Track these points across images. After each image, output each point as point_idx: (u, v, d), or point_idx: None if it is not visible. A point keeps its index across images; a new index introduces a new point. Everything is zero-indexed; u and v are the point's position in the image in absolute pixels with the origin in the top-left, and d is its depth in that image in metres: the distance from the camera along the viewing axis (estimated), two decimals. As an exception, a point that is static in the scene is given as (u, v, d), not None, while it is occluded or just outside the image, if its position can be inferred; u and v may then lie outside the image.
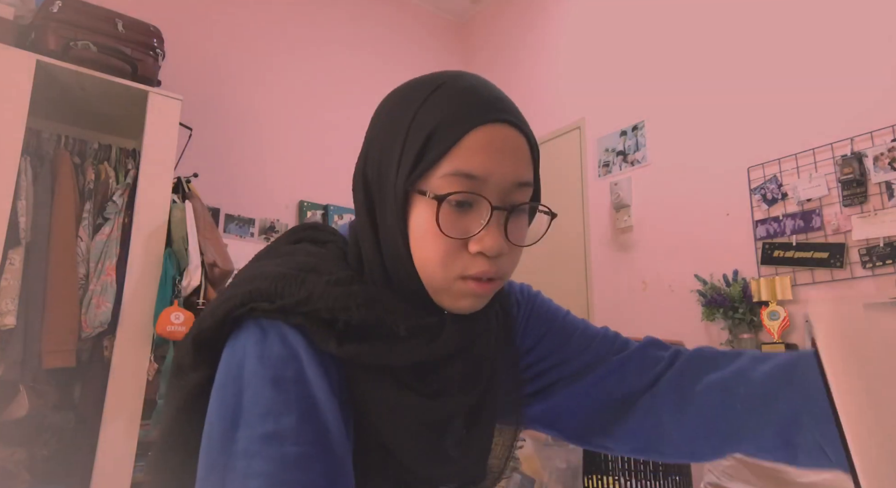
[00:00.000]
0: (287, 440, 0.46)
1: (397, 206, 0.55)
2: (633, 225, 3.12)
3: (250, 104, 3.41)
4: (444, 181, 0.53)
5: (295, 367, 0.50)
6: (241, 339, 0.52)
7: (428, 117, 0.55)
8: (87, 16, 2.25)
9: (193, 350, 0.54)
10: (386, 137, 0.57)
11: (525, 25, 4.06)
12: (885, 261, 2.20)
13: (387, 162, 0.56)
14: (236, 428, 0.48)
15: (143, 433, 2.14)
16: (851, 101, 2.39)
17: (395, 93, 0.61)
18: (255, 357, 0.50)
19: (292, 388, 0.49)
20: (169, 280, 2.19)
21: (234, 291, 0.54)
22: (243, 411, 0.48)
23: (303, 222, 0.69)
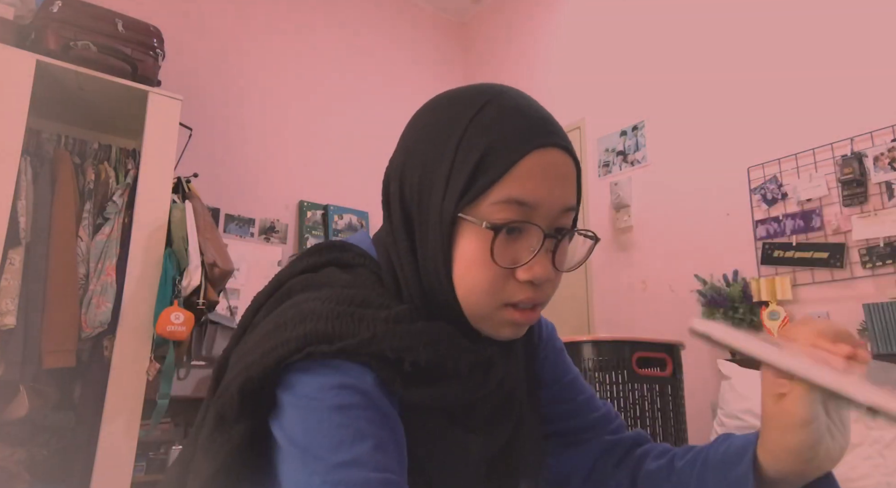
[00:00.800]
0: (366, 466, 0.45)
1: (443, 232, 0.53)
2: (633, 225, 3.12)
3: (250, 104, 3.41)
4: (496, 208, 0.52)
5: (363, 394, 0.48)
6: (304, 378, 0.49)
7: (477, 139, 0.52)
8: (87, 16, 2.25)
9: (240, 399, 0.50)
10: (428, 155, 0.54)
11: (525, 25, 4.06)
12: (885, 261, 2.20)
13: (430, 183, 0.54)
14: (311, 465, 0.46)
15: (143, 433, 2.14)
16: (851, 101, 2.39)
17: (435, 106, 0.57)
18: (318, 389, 0.48)
19: (362, 415, 0.47)
20: (169, 280, 2.19)
21: (286, 335, 0.50)
22: (312, 447, 0.46)
23: (324, 241, 0.65)
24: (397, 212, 0.56)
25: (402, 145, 0.58)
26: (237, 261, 2.48)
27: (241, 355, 0.54)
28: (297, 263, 0.61)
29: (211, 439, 0.52)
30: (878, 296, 2.18)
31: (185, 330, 2.11)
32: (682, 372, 2.15)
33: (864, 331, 2.18)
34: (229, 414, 0.51)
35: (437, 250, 0.53)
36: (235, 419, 0.51)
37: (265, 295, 0.60)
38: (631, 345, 2.02)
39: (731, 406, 2.22)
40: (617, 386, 1.98)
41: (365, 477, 0.45)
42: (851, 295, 2.28)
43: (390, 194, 0.58)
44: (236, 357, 0.55)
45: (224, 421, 0.52)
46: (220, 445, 0.51)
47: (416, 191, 0.55)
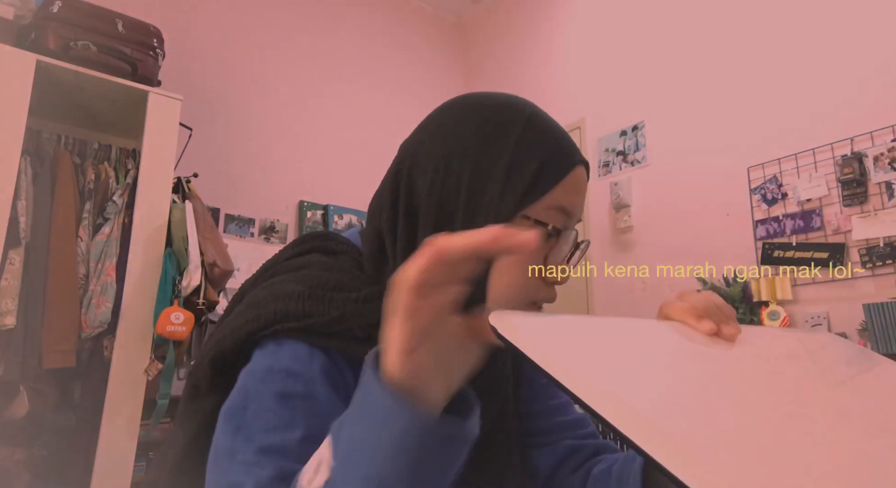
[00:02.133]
0: (289, 455, 0.46)
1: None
2: (633, 225, 3.12)
3: (250, 104, 3.41)
4: (548, 212, 0.57)
5: (305, 383, 0.49)
6: (256, 357, 0.51)
7: (534, 146, 0.58)
8: (87, 16, 2.25)
9: (211, 372, 0.53)
10: (481, 153, 0.57)
11: (525, 25, 4.06)
12: (885, 261, 2.20)
13: (483, 180, 0.56)
14: (238, 442, 0.47)
15: (143, 433, 2.14)
16: (851, 101, 2.39)
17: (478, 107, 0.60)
18: (264, 370, 0.50)
19: (300, 404, 0.48)
20: (169, 280, 2.19)
21: (257, 311, 0.52)
22: (246, 424, 0.48)
23: (312, 231, 0.67)
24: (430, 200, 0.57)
25: (435, 135, 0.59)
26: (237, 261, 2.48)
27: (218, 330, 0.56)
28: (284, 252, 0.64)
29: (185, 409, 0.55)
30: (878, 296, 2.18)
31: (185, 330, 2.11)
32: (682, 372, 2.15)
33: (864, 330, 2.18)
34: (202, 386, 0.54)
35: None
36: (207, 391, 0.53)
37: (251, 281, 0.62)
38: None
39: (731, 406, 2.22)
40: (617, 386, 1.97)
41: (281, 465, 0.45)
42: (851, 295, 2.28)
43: (418, 181, 0.58)
44: (215, 333, 0.57)
45: (197, 393, 0.54)
46: (193, 414, 0.54)
47: (466, 183, 0.56)
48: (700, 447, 0.26)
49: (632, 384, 0.30)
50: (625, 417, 0.27)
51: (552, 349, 0.31)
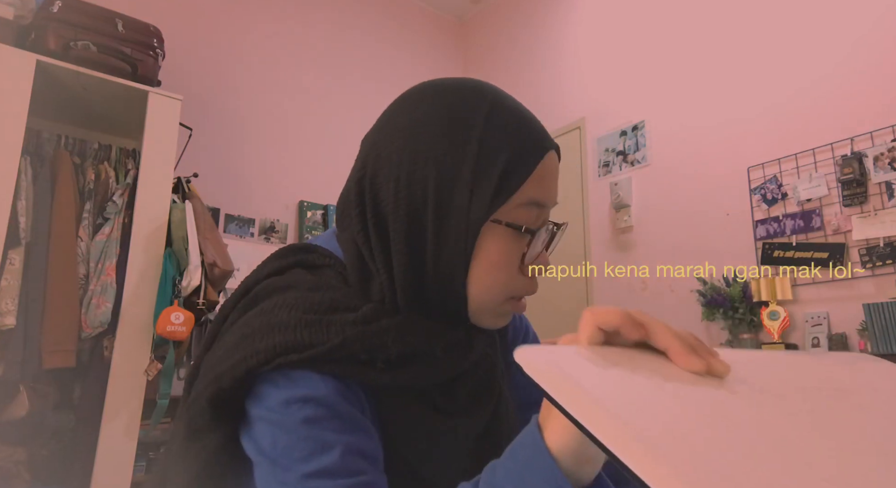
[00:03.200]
0: (336, 474, 0.46)
1: (468, 234, 0.54)
2: (633, 225, 3.12)
3: (250, 104, 3.41)
4: (521, 210, 0.55)
5: (327, 406, 0.49)
6: (269, 391, 0.50)
7: (499, 142, 0.55)
8: (87, 16, 2.25)
9: (211, 410, 0.51)
10: (442, 155, 0.54)
11: (525, 25, 4.06)
12: (885, 261, 2.20)
13: (450, 184, 0.54)
14: (280, 474, 0.47)
15: (143, 433, 2.14)
16: (851, 101, 2.39)
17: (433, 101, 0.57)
18: (282, 403, 0.49)
19: (328, 425, 0.49)
20: (169, 280, 2.19)
21: (254, 346, 0.51)
22: (281, 457, 0.48)
23: (289, 244, 0.65)
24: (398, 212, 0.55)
25: (395, 140, 0.56)
26: (237, 261, 2.48)
27: (210, 365, 0.54)
28: (263, 268, 0.61)
29: (185, 448, 0.53)
30: (878, 296, 2.18)
31: (185, 330, 2.11)
32: (682, 372, 2.15)
33: (863, 330, 2.18)
34: (201, 424, 0.52)
35: (458, 251, 0.54)
36: (207, 428, 0.52)
37: (232, 302, 0.60)
38: (631, 345, 2.02)
39: (731, 406, 2.22)
40: (617, 386, 1.98)
41: (334, 485, 0.46)
42: (851, 295, 2.28)
43: (381, 193, 0.56)
44: (206, 366, 0.55)
45: (197, 431, 0.53)
46: (196, 454, 0.52)
47: (432, 192, 0.54)
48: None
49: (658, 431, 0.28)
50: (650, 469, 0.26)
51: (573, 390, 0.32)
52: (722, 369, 0.35)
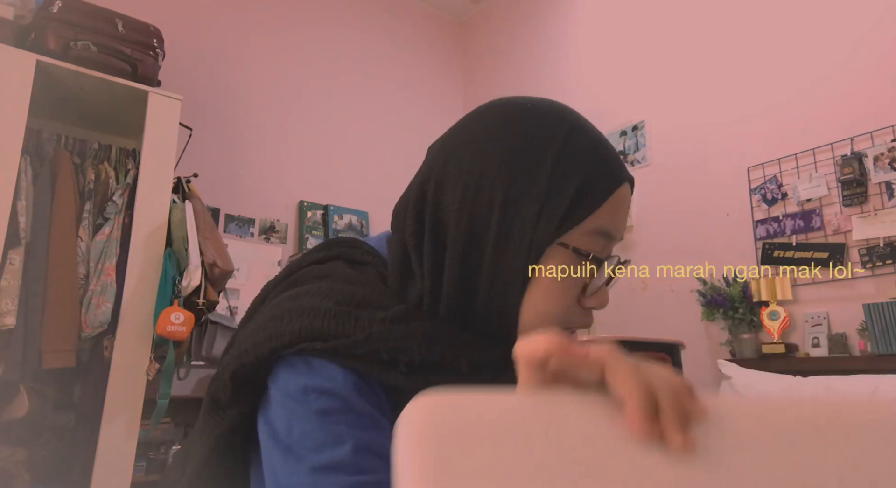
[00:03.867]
0: (343, 470, 0.46)
1: (531, 254, 0.53)
2: (633, 225, 3.12)
3: (250, 104, 3.41)
4: (587, 238, 0.54)
5: (343, 400, 0.49)
6: (288, 376, 0.51)
7: (576, 166, 0.54)
8: (87, 16, 2.25)
9: (232, 385, 0.52)
10: (515, 173, 0.53)
11: (525, 25, 4.06)
12: (885, 261, 2.20)
13: (518, 202, 0.53)
14: (292, 464, 0.48)
15: (143, 433, 2.14)
16: (851, 101, 2.39)
17: (510, 120, 0.56)
18: (300, 389, 0.49)
19: (343, 419, 0.49)
20: (169, 280, 2.19)
21: (281, 328, 0.51)
22: (294, 445, 0.48)
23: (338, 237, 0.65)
24: (460, 220, 0.54)
25: (466, 148, 0.56)
26: (237, 261, 2.48)
27: (240, 341, 0.55)
28: (309, 256, 0.63)
29: (204, 421, 0.54)
30: (878, 296, 2.18)
31: (185, 330, 2.11)
32: (682, 372, 2.15)
33: (863, 330, 2.18)
34: (222, 399, 0.53)
35: (517, 270, 0.53)
36: (228, 403, 0.53)
37: (274, 283, 0.61)
38: (631, 345, 2.02)
39: (731, 406, 2.22)
40: (617, 386, 1.98)
41: (340, 481, 0.46)
42: (851, 295, 2.28)
43: (445, 199, 0.55)
44: (237, 341, 0.56)
45: (217, 405, 0.53)
46: (213, 427, 0.53)
47: (499, 205, 0.53)
48: None
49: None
50: None
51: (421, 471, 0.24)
52: (681, 448, 0.26)
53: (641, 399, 0.26)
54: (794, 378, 2.14)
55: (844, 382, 1.98)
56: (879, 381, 1.91)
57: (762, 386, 2.17)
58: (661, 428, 0.25)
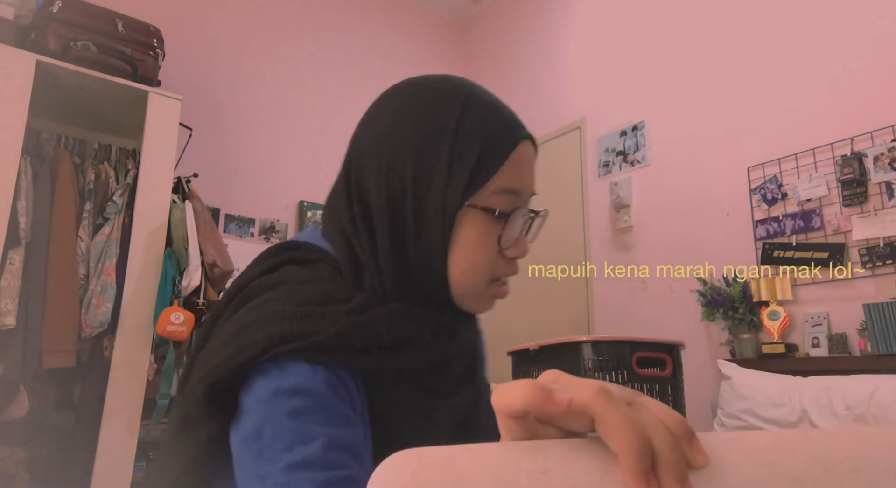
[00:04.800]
0: (315, 466, 0.47)
1: (445, 219, 0.57)
2: (633, 225, 3.12)
3: (250, 104, 3.41)
4: (494, 196, 0.58)
5: (314, 398, 0.50)
6: (260, 382, 0.51)
7: (474, 133, 0.58)
8: (87, 16, 2.25)
9: (205, 400, 0.52)
10: (421, 146, 0.57)
11: (525, 25, 4.06)
12: (885, 261, 2.20)
13: (428, 173, 0.57)
14: (264, 467, 0.48)
15: (143, 433, 2.14)
16: (851, 101, 2.39)
17: (410, 96, 0.61)
18: (271, 393, 0.50)
19: (313, 417, 0.49)
20: (169, 280, 2.19)
21: (251, 337, 0.52)
22: (266, 447, 0.49)
23: (274, 244, 0.67)
24: (380, 199, 0.58)
25: (376, 132, 0.60)
26: (237, 261, 2.48)
27: (204, 359, 0.54)
28: (253, 268, 0.63)
29: (177, 439, 0.54)
30: (878, 296, 2.18)
31: (185, 330, 2.11)
32: (682, 372, 2.14)
33: (863, 330, 2.18)
34: (194, 415, 0.53)
35: (436, 236, 0.57)
36: (200, 420, 0.52)
37: (224, 303, 0.60)
38: (631, 345, 2.02)
39: (731, 406, 2.23)
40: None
41: (312, 477, 0.46)
42: (851, 295, 2.28)
43: (365, 182, 0.59)
44: (200, 362, 0.55)
45: (189, 422, 0.53)
46: (187, 446, 0.53)
47: (410, 180, 0.57)
48: None
49: None
50: None
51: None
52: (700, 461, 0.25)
53: (636, 452, 0.24)
54: (794, 378, 2.14)
55: (844, 382, 1.98)
56: (879, 381, 1.91)
57: (762, 386, 2.17)
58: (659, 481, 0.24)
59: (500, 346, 2.90)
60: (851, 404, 1.91)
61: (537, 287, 3.48)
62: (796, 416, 2.02)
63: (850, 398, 1.92)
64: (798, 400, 2.04)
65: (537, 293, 3.47)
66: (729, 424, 2.21)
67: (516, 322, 3.49)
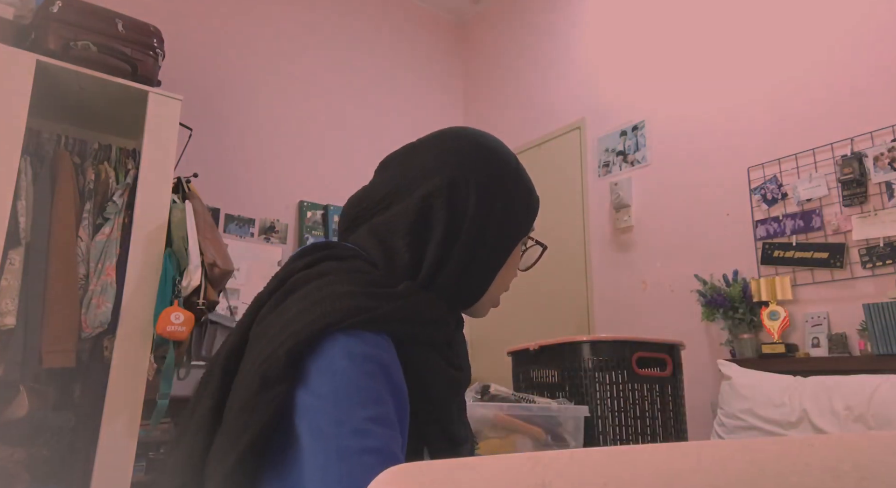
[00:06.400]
0: (389, 423, 0.55)
1: (508, 251, 0.77)
2: (633, 225, 3.12)
3: (250, 104, 3.41)
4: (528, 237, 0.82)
5: (382, 366, 0.58)
6: (333, 348, 0.58)
7: (530, 192, 0.80)
8: (87, 16, 2.25)
9: (286, 361, 0.57)
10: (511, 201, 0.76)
11: (525, 25, 4.06)
12: (885, 261, 2.20)
13: (511, 220, 0.76)
14: (342, 414, 0.54)
15: (143, 433, 2.14)
16: (851, 101, 2.39)
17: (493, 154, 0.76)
18: (346, 355, 0.57)
19: (382, 379, 0.57)
20: (169, 280, 2.19)
21: (327, 308, 0.59)
22: (344, 400, 0.55)
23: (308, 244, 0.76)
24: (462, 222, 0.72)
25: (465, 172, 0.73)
26: (237, 261, 2.48)
27: (280, 326, 0.60)
28: (295, 263, 0.70)
29: (253, 400, 0.57)
30: (878, 296, 2.18)
31: (185, 330, 2.11)
32: (682, 372, 2.15)
33: (863, 331, 2.18)
34: (273, 376, 0.57)
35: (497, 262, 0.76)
36: (278, 380, 0.57)
37: (268, 293, 0.67)
38: (631, 345, 2.02)
39: (731, 406, 2.22)
40: (617, 386, 1.98)
41: (388, 433, 0.54)
42: (851, 295, 2.28)
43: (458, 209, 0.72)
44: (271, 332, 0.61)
45: (268, 383, 0.57)
46: (267, 403, 0.57)
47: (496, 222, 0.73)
48: None
49: None
50: None
51: None
52: None
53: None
54: (794, 378, 2.14)
55: (844, 382, 1.98)
56: (879, 381, 1.91)
57: (762, 386, 2.17)
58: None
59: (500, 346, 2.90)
60: (851, 404, 1.91)
61: (537, 287, 3.48)
62: (796, 416, 2.02)
63: (850, 398, 1.92)
64: (798, 400, 2.04)
65: (537, 293, 3.47)
66: (729, 424, 2.21)
67: (516, 322, 3.49)
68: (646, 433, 1.99)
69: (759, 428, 2.10)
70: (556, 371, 2.10)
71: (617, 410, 1.96)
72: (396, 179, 0.76)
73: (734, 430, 2.18)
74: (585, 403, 1.94)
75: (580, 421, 1.91)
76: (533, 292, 3.50)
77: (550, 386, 2.10)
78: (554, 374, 2.11)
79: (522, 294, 3.58)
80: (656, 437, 2.01)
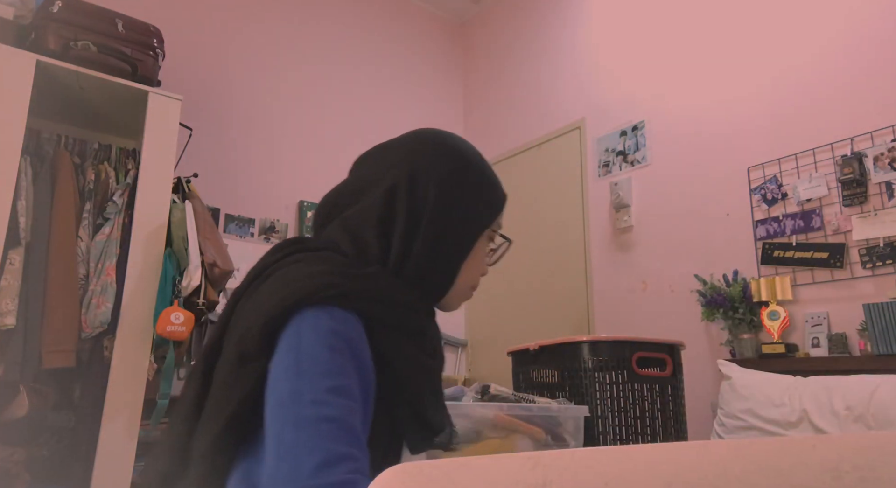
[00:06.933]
0: (349, 395, 0.57)
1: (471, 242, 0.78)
2: (633, 225, 3.12)
3: (250, 104, 3.41)
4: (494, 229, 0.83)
5: (347, 341, 0.60)
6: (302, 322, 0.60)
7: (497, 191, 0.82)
8: (87, 16, 2.25)
9: (261, 336, 0.60)
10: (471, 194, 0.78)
11: (525, 25, 4.06)
12: (885, 261, 2.20)
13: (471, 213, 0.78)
14: (302, 385, 0.56)
15: (143, 433, 2.14)
16: (851, 101, 2.39)
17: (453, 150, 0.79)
18: (312, 329, 0.59)
19: (349, 357, 0.59)
20: (169, 280, 2.19)
21: (298, 284, 0.63)
22: (306, 371, 0.56)
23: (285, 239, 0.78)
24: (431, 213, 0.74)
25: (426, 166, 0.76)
26: (237, 261, 2.48)
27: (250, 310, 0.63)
28: (267, 258, 0.73)
29: (233, 375, 0.61)
30: (878, 296, 2.18)
31: (185, 330, 2.11)
32: (682, 372, 2.14)
33: (863, 331, 2.18)
34: (251, 352, 0.60)
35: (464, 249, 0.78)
36: (256, 355, 0.60)
37: (244, 286, 0.71)
38: (631, 345, 2.02)
39: (731, 406, 2.22)
40: (617, 386, 1.98)
41: (349, 404, 0.56)
42: (851, 295, 2.28)
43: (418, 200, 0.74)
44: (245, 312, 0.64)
45: (245, 359, 0.61)
46: (244, 379, 0.60)
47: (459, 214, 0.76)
48: None
49: None
50: None
51: None
52: None
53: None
54: (794, 378, 2.14)
55: (844, 382, 1.98)
56: (879, 381, 1.91)
57: (762, 386, 2.17)
58: None
59: (500, 346, 2.90)
60: (851, 404, 1.90)
61: (537, 287, 3.48)
62: (796, 416, 2.01)
63: (850, 398, 1.92)
64: (798, 400, 2.03)
65: (537, 293, 3.47)
66: (729, 424, 2.21)
67: (516, 322, 3.49)
68: (646, 433, 1.99)
69: (759, 428, 2.10)
70: (556, 371, 2.10)
71: (617, 410, 1.96)
72: (366, 176, 0.80)
73: (734, 430, 2.18)
74: (585, 403, 1.94)
75: (580, 421, 1.90)
76: (533, 292, 3.50)
77: (550, 387, 2.10)
78: (554, 374, 2.11)
79: (522, 294, 3.58)
80: (656, 437, 2.01)
